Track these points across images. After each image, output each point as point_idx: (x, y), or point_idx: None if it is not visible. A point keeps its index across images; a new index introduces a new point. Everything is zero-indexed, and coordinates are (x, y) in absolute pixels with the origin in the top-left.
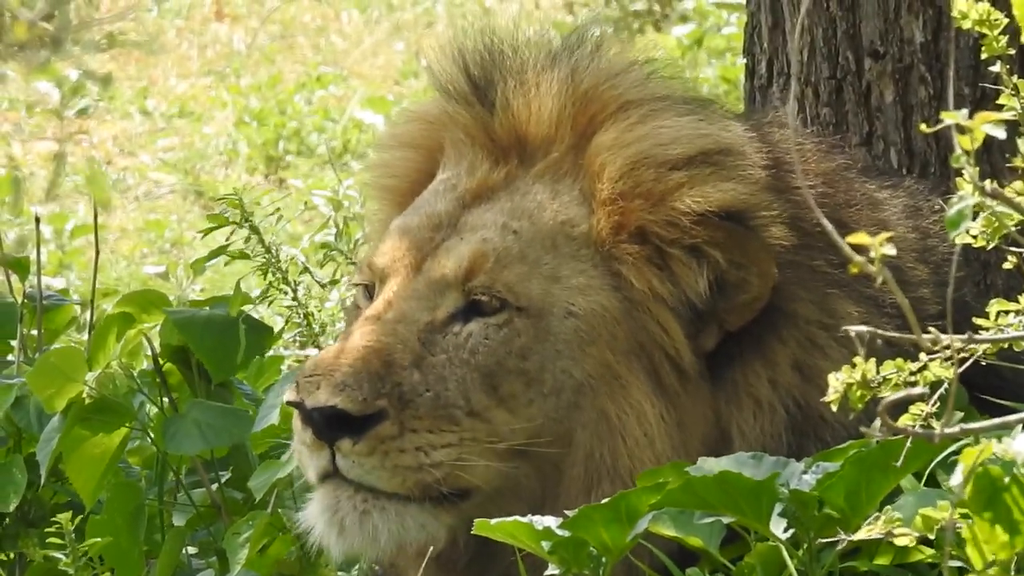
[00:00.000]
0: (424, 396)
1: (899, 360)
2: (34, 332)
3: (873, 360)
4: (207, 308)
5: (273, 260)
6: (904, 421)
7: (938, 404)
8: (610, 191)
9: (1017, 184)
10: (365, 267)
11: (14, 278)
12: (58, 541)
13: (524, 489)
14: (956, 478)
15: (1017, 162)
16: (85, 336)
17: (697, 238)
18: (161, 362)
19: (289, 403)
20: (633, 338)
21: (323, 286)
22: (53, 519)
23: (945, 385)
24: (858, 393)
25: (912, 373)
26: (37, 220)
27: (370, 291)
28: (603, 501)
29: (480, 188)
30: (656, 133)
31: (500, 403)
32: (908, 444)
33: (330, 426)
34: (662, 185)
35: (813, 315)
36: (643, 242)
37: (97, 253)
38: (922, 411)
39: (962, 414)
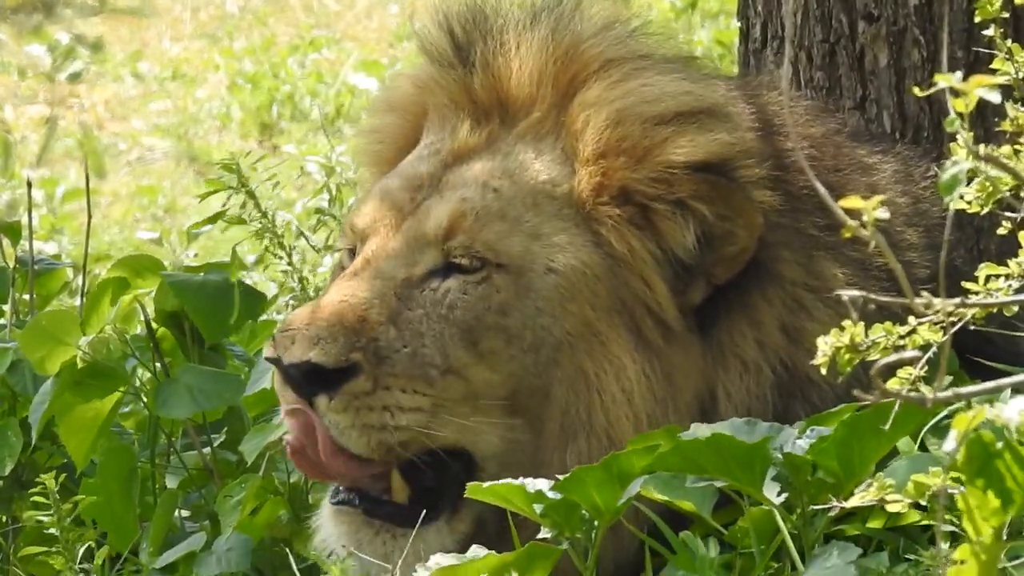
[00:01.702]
0: (401, 352)
1: (888, 324)
2: (26, 296)
3: (862, 324)
4: (202, 274)
5: (269, 225)
6: (892, 385)
7: (927, 368)
8: (593, 149)
9: (1006, 148)
10: (348, 229)
11: (6, 242)
12: (44, 501)
13: (524, 445)
14: (949, 444)
15: (1006, 126)
16: (77, 301)
17: (682, 192)
18: (155, 327)
19: (267, 359)
20: (615, 295)
21: (317, 251)
22: (36, 480)
23: (934, 348)
24: (846, 356)
25: (901, 337)
26: (29, 184)
27: (353, 254)
28: (594, 464)
29: (461, 149)
30: (640, 90)
31: (480, 359)
32: (898, 408)
33: (308, 380)
34: (646, 140)
35: (799, 277)
36: (625, 203)
37: (89, 218)
38: (910, 375)
39: (951, 378)
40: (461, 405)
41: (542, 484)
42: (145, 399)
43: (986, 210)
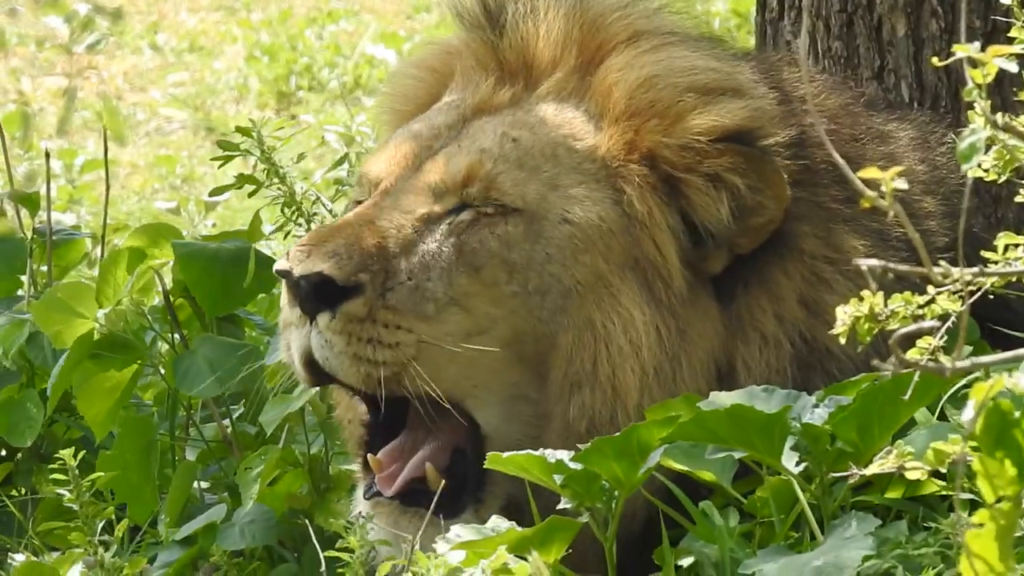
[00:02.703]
0: (404, 285)
1: (907, 293)
2: (44, 268)
3: (881, 293)
4: (218, 243)
5: (289, 192)
6: (912, 355)
7: (946, 337)
8: (624, 107)
9: None
10: (361, 179)
11: (24, 213)
12: (63, 477)
13: (530, 399)
14: (967, 413)
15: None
16: (96, 271)
17: (717, 165)
18: (172, 298)
19: (278, 271)
20: (629, 252)
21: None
22: (55, 456)
23: (953, 318)
24: (866, 326)
25: (920, 306)
26: (47, 155)
27: None
28: (614, 435)
29: (483, 104)
30: (670, 60)
31: (482, 288)
32: (917, 378)
33: (316, 295)
34: (678, 106)
35: (818, 250)
36: (652, 167)
37: (108, 188)
38: (929, 344)
39: (971, 348)
40: (457, 345)
41: (562, 455)
42: (163, 371)
43: (1004, 178)
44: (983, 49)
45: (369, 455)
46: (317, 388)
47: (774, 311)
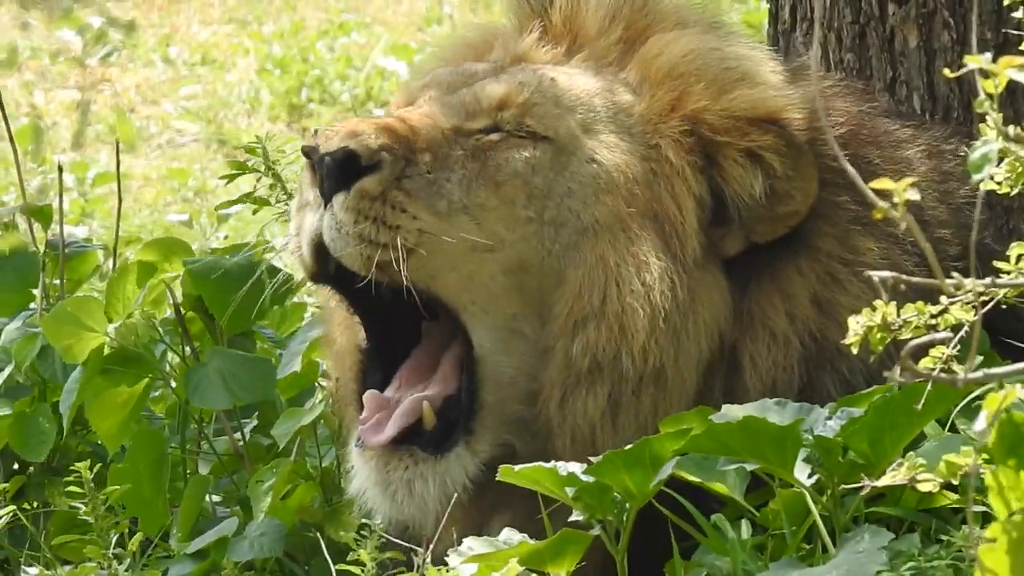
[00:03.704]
0: (423, 176)
1: (919, 303)
2: (56, 281)
3: (893, 303)
4: (227, 256)
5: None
6: (925, 365)
7: (959, 348)
8: (668, 71)
9: None
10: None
11: (36, 226)
12: (78, 490)
13: (525, 336)
14: (980, 424)
15: None
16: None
17: (760, 142)
18: (183, 311)
19: (304, 149)
20: (650, 205)
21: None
22: (71, 468)
23: (966, 328)
24: (878, 336)
25: (933, 316)
26: (60, 168)
27: None
28: (627, 447)
29: (521, 54)
30: (716, 42)
31: (499, 205)
32: (929, 389)
33: (339, 173)
34: (725, 76)
35: (835, 250)
36: (692, 131)
37: (120, 201)
38: (942, 354)
39: (981, 358)
40: (461, 252)
41: (574, 467)
42: (175, 384)
43: (1016, 190)
44: (995, 60)
45: (365, 395)
46: (325, 392)
47: (786, 309)
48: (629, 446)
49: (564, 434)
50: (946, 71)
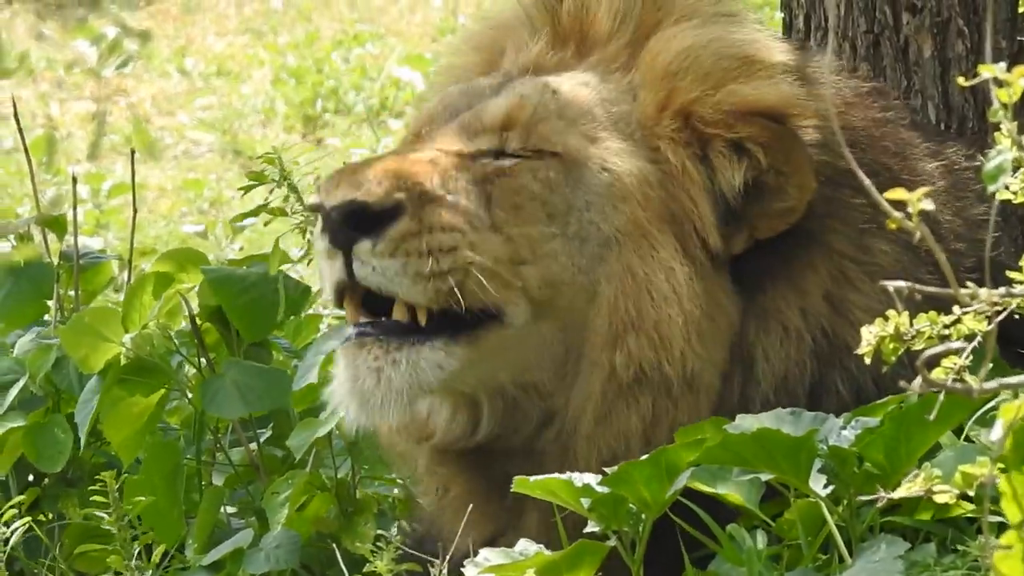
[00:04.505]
0: (444, 199)
1: (932, 313)
2: (71, 292)
3: (906, 313)
4: (244, 267)
5: (312, 219)
6: (937, 375)
7: (971, 358)
8: (661, 70)
9: None
10: (409, 135)
11: (51, 237)
12: (102, 500)
13: (549, 346)
14: (995, 433)
15: None
16: (123, 296)
17: (742, 132)
18: (199, 322)
19: (310, 207)
20: (666, 206)
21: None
22: (95, 479)
23: (979, 338)
24: (891, 346)
25: (946, 326)
26: (74, 179)
27: None
28: (642, 458)
29: (530, 65)
30: (717, 32)
31: (522, 225)
32: (942, 399)
33: (348, 223)
34: (718, 73)
35: (848, 249)
36: (685, 126)
37: (135, 212)
38: (955, 364)
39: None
40: (503, 264)
41: (589, 478)
42: (190, 395)
43: None
44: (1009, 69)
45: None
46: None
47: (799, 305)
48: (644, 456)
49: (589, 453)
50: (960, 80)
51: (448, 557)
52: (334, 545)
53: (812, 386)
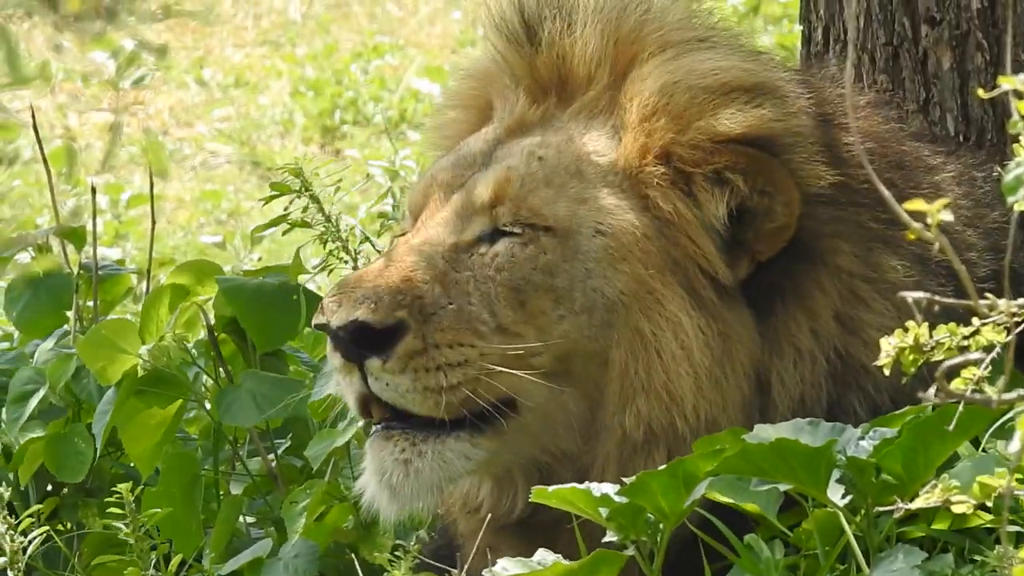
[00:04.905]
0: (447, 308)
1: (952, 325)
2: (90, 303)
3: (926, 324)
4: (260, 277)
5: (333, 229)
6: (956, 386)
7: (989, 369)
8: (639, 114)
9: None
10: (404, 212)
11: (70, 248)
12: (119, 511)
13: (571, 413)
14: (1014, 445)
15: None
16: (141, 307)
17: (718, 163)
18: (216, 333)
19: (316, 326)
20: (666, 254)
21: (382, 254)
22: (112, 489)
23: (997, 350)
24: (911, 357)
25: (965, 338)
26: (93, 190)
27: None
28: (660, 467)
29: (516, 124)
30: (691, 64)
31: (528, 319)
32: (961, 409)
33: (356, 343)
34: (692, 108)
35: (856, 268)
36: (667, 164)
37: (153, 223)
38: (973, 375)
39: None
40: (512, 359)
41: (608, 488)
42: (208, 406)
43: None
44: None
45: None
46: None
47: (810, 327)
48: (662, 467)
49: None
50: (979, 92)
51: (466, 567)
52: (352, 555)
53: (830, 407)
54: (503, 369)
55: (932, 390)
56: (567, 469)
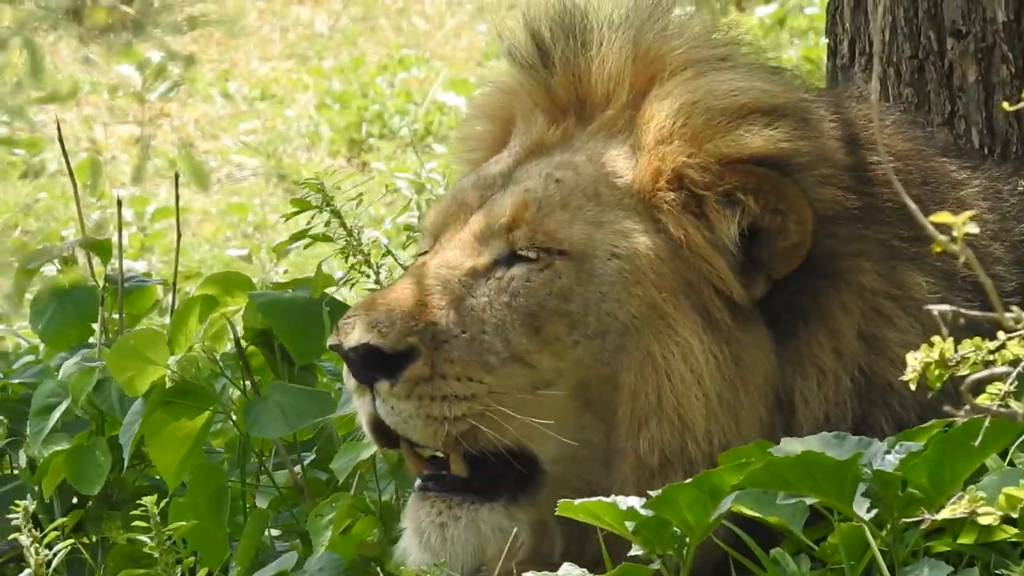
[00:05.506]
0: (459, 338)
1: (977, 339)
2: (116, 315)
3: (951, 339)
4: (290, 291)
5: (355, 243)
6: (982, 400)
7: (1016, 383)
8: (654, 136)
9: None
10: (425, 232)
11: (96, 261)
12: (143, 524)
13: (593, 444)
14: None
15: None
16: (167, 319)
17: (729, 184)
18: (244, 345)
19: (330, 347)
20: (681, 276)
21: (405, 268)
22: (137, 502)
23: (1023, 364)
24: (936, 372)
25: (991, 352)
26: (119, 203)
27: None
28: (686, 481)
29: (535, 146)
30: (710, 85)
31: (543, 346)
32: (987, 423)
33: (367, 365)
34: (708, 130)
35: (880, 286)
36: (679, 188)
37: (179, 236)
38: (1000, 390)
39: None
40: (524, 395)
41: (633, 501)
42: (235, 418)
43: None
44: None
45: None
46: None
47: (833, 347)
48: (688, 480)
49: None
50: (1005, 105)
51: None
52: (377, 568)
53: (855, 425)
54: (511, 411)
55: (964, 406)
56: (590, 496)
